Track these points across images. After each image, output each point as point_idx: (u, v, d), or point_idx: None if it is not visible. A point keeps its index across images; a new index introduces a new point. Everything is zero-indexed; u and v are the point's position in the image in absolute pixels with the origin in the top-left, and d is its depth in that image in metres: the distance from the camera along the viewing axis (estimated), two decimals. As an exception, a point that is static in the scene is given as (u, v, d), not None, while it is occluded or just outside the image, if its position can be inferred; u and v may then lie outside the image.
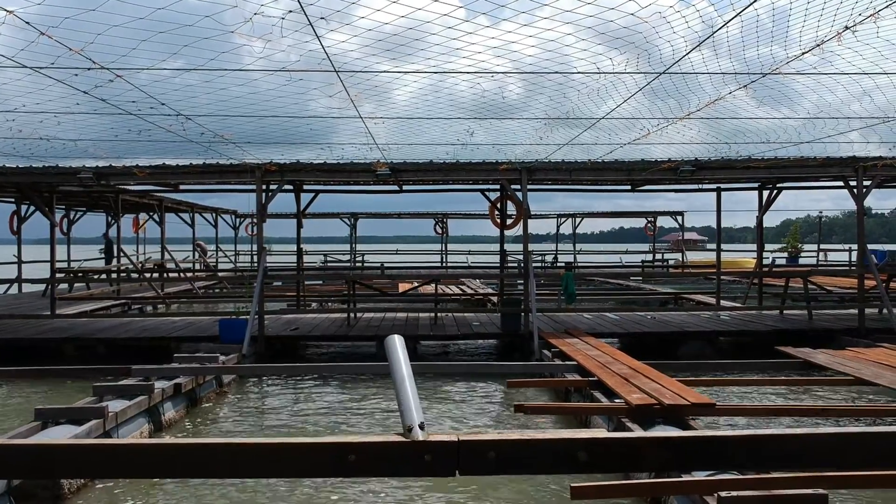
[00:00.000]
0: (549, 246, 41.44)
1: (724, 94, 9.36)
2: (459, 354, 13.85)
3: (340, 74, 8.36)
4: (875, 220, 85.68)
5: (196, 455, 2.27)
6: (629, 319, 14.67)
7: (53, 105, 9.35)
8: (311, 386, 10.71)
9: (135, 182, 13.87)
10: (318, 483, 6.29)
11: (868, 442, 2.31)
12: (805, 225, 74.54)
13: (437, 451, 2.19)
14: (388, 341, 2.54)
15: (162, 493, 6.37)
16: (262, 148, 14.47)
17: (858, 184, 13.13)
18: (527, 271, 13.40)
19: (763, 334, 13.13)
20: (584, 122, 12.36)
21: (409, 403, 2.32)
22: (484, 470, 2.23)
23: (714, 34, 7.35)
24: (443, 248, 33.93)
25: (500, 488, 6.31)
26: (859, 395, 9.54)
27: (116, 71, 7.62)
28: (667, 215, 31.84)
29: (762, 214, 16.81)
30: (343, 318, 14.77)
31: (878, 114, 10.66)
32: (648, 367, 9.08)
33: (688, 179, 13.81)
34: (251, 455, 2.25)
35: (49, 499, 6.08)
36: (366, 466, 2.22)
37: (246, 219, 32.04)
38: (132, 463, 2.26)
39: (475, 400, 9.90)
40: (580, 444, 2.22)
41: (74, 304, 17.34)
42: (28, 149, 12.68)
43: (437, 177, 13.94)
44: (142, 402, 8.19)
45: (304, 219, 16.83)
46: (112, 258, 24.66)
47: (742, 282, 22.09)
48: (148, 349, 12.38)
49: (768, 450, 2.27)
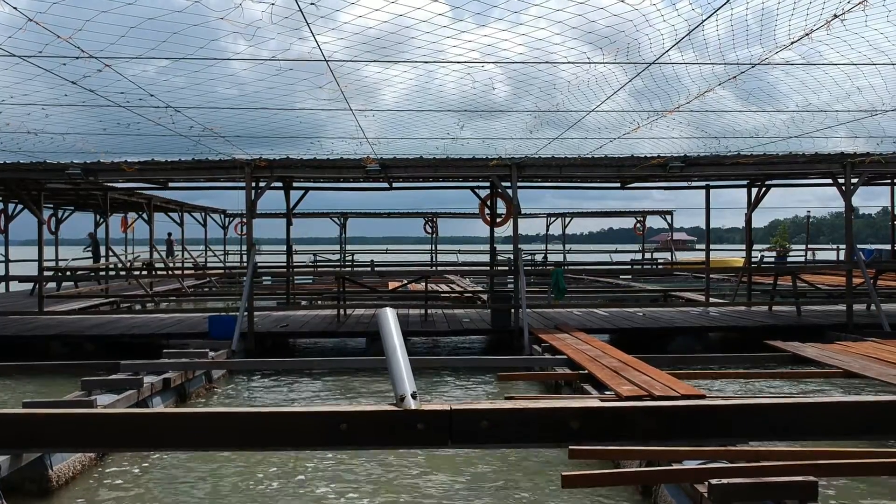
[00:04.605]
0: (539, 246, 41.50)
1: (714, 86, 9.41)
2: (450, 350, 13.84)
3: (330, 64, 8.35)
4: (863, 221, 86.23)
5: (177, 425, 2.23)
6: (619, 315, 14.69)
7: (41, 96, 9.30)
8: (300, 382, 10.67)
9: (123, 178, 13.78)
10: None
11: (855, 411, 2.32)
12: (793, 226, 75.04)
13: (429, 420, 2.18)
14: (381, 313, 2.54)
15: (147, 486, 6.33)
16: (251, 145, 14.44)
17: (846, 180, 13.20)
18: (517, 268, 13.40)
19: (752, 330, 13.17)
20: (573, 116, 12.41)
21: (402, 373, 2.31)
22: (477, 439, 2.21)
23: (703, 23, 7.39)
24: (433, 247, 33.91)
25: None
26: (848, 388, 9.59)
27: (105, 60, 7.58)
28: (656, 214, 31.97)
29: (751, 212, 16.87)
30: (333, 315, 14.73)
31: (867, 107, 10.75)
32: (639, 360, 9.09)
33: (677, 176, 13.84)
34: (235, 425, 2.21)
35: (36, 491, 6.04)
36: (358, 436, 2.21)
37: (235, 218, 31.91)
38: (114, 433, 2.23)
39: (466, 393, 9.90)
40: (572, 413, 2.22)
41: (62, 303, 17.23)
42: (16, 143, 12.59)
43: (426, 173, 13.92)
44: (130, 397, 8.13)
45: (293, 218, 16.79)
46: (99, 258, 24.52)
47: (731, 280, 22.20)
48: (136, 346, 12.31)
49: (759, 418, 2.28)
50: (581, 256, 39.41)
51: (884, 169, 13.31)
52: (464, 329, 13.59)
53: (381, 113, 12.63)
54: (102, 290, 20.63)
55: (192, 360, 9.90)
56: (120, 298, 19.41)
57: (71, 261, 25.00)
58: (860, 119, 12.17)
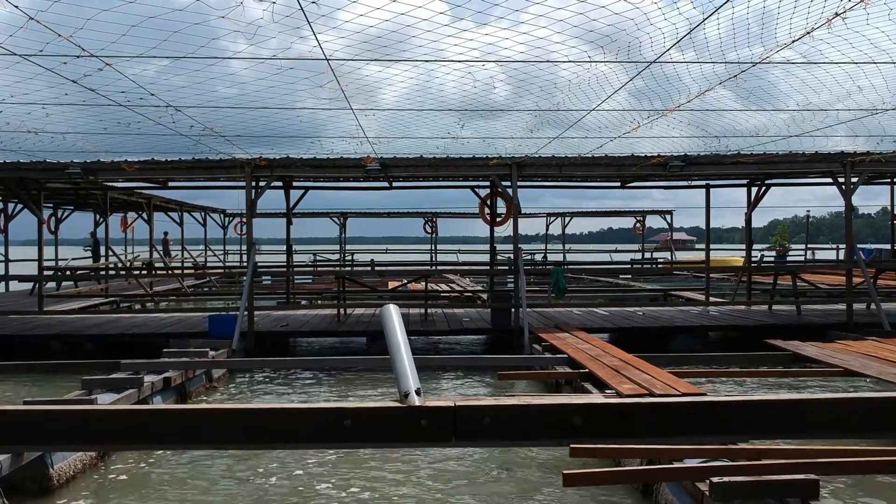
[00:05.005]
0: (539, 246, 41.50)
1: (714, 85, 9.41)
2: (449, 350, 13.84)
3: (331, 63, 8.35)
4: (862, 221, 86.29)
5: (179, 421, 2.22)
6: (619, 315, 14.70)
7: (41, 95, 9.29)
8: (301, 381, 10.67)
9: (123, 178, 13.78)
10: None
11: (857, 407, 2.32)
12: (792, 226, 75.02)
13: (433, 416, 2.17)
14: (384, 310, 2.54)
15: (148, 485, 6.33)
16: (251, 145, 14.44)
17: (846, 179, 13.20)
18: (517, 267, 13.40)
19: (752, 329, 13.17)
20: (573, 116, 12.42)
21: (405, 370, 2.30)
22: (480, 436, 2.21)
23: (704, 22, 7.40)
24: (432, 247, 33.89)
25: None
26: (848, 387, 9.59)
27: (106, 59, 7.58)
28: (656, 214, 31.97)
29: (751, 211, 16.87)
30: (333, 314, 14.73)
31: (867, 106, 10.76)
32: (639, 359, 9.08)
33: (677, 175, 13.84)
34: (238, 421, 2.20)
35: (37, 490, 6.03)
36: (362, 433, 2.20)
37: (235, 218, 31.89)
38: (116, 430, 2.22)
39: (466, 393, 9.89)
40: (575, 410, 2.22)
41: (62, 303, 17.21)
42: (16, 143, 12.59)
43: (427, 172, 13.91)
44: (131, 396, 8.13)
45: (293, 217, 16.79)
46: (99, 258, 24.51)
47: (731, 279, 22.19)
48: (136, 345, 12.30)
49: (761, 415, 2.27)
50: (581, 256, 39.39)
51: (884, 168, 13.32)
52: (464, 328, 13.59)
53: (382, 112, 12.63)
54: (102, 290, 20.62)
55: (193, 360, 9.90)
56: (120, 298, 19.40)
57: (71, 260, 24.99)
58: (860, 118, 12.17)
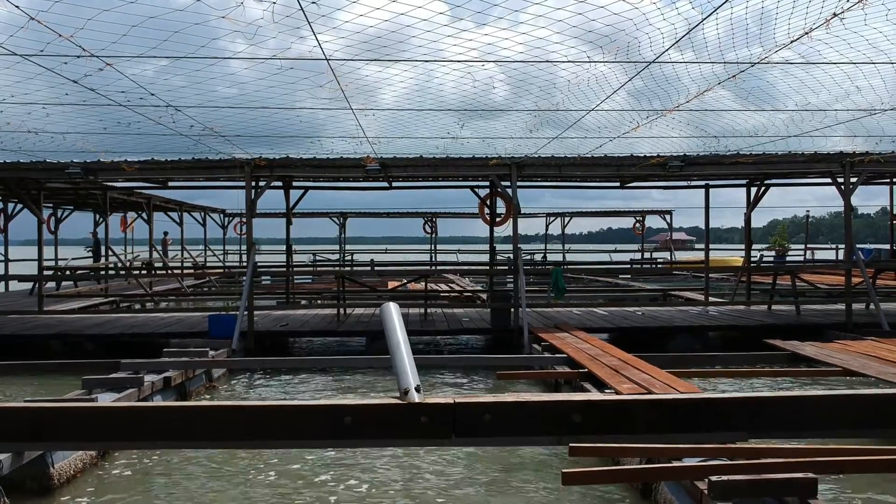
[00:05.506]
0: (538, 246, 41.53)
1: (713, 86, 9.43)
2: (449, 350, 13.85)
3: (331, 63, 8.37)
4: (861, 221, 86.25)
5: (180, 418, 2.22)
6: (618, 315, 14.71)
7: (42, 95, 9.31)
8: (301, 381, 10.68)
9: (123, 178, 13.79)
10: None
11: (856, 404, 2.33)
12: (791, 226, 75.04)
13: (433, 413, 2.18)
14: (384, 308, 2.54)
15: (148, 484, 6.34)
16: (251, 145, 14.45)
17: (846, 179, 13.22)
18: (516, 267, 13.42)
19: (751, 329, 13.19)
20: (573, 116, 12.44)
21: (405, 367, 2.32)
22: (480, 432, 2.22)
23: (703, 22, 7.41)
24: (432, 247, 33.90)
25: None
26: (847, 386, 9.60)
27: (106, 59, 7.59)
28: (655, 214, 32.00)
29: (750, 211, 16.89)
30: (333, 314, 14.74)
31: (866, 106, 10.78)
32: (638, 359, 9.10)
33: (676, 175, 13.85)
34: (239, 419, 2.20)
35: (38, 489, 6.04)
36: (361, 429, 2.21)
37: (235, 218, 31.90)
38: (117, 427, 2.22)
39: (465, 392, 9.90)
40: (575, 406, 2.23)
41: (62, 302, 17.22)
42: (16, 143, 12.60)
43: (426, 172, 13.94)
44: (131, 395, 8.14)
45: (293, 217, 16.80)
46: (99, 258, 24.52)
47: (730, 279, 22.21)
48: (136, 345, 12.30)
49: (760, 411, 2.28)
50: (580, 256, 39.42)
51: (882, 168, 13.34)
52: (463, 328, 13.61)
53: (381, 112, 12.64)
54: (102, 290, 20.63)
55: (193, 359, 9.91)
56: (120, 298, 19.41)
57: (70, 260, 25.00)
58: (859, 118, 12.19)
